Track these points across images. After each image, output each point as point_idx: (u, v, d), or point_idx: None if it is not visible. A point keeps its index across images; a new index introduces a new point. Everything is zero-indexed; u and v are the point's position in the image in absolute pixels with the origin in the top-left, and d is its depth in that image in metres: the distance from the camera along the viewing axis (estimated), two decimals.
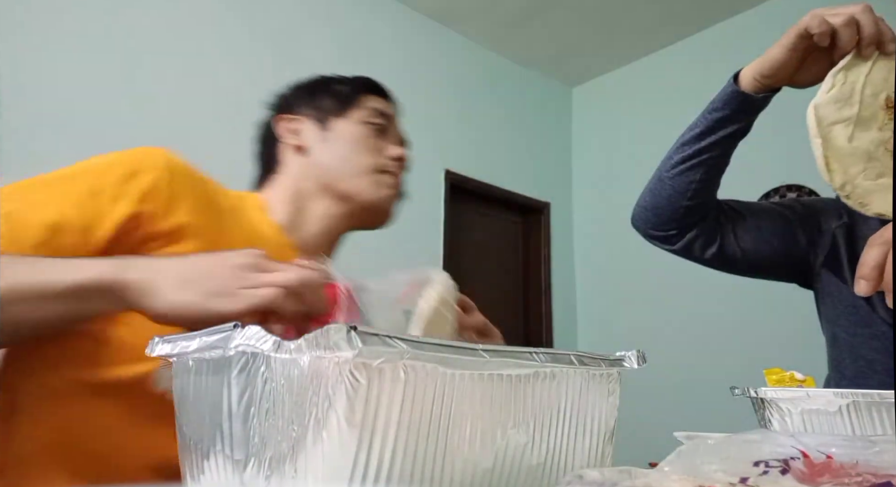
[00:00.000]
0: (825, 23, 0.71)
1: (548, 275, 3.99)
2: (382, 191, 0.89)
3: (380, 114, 0.92)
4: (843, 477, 0.27)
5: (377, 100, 0.93)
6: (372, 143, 0.89)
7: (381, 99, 0.94)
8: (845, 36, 0.70)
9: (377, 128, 0.91)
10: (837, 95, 0.69)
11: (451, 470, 0.32)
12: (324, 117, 0.90)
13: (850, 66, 0.70)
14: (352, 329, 0.27)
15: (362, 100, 0.91)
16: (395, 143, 0.94)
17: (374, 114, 0.91)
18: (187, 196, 0.71)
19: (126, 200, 0.66)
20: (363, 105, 0.91)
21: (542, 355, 0.36)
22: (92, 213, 0.64)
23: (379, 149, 0.90)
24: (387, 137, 0.93)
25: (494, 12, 3.60)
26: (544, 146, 4.19)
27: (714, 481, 0.27)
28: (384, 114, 0.93)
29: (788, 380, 0.62)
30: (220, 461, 0.33)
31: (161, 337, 0.37)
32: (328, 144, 0.89)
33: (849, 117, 0.68)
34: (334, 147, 0.89)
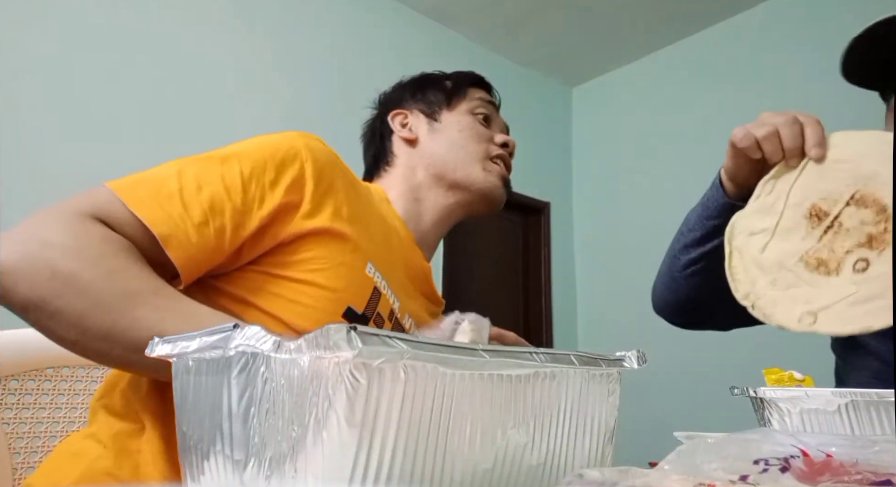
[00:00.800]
0: (749, 135, 0.70)
1: (548, 275, 3.99)
2: (492, 178, 0.91)
3: (486, 103, 0.95)
4: (843, 476, 0.27)
5: (481, 92, 0.96)
6: (480, 132, 0.92)
7: (485, 91, 0.97)
8: (768, 148, 0.69)
9: (484, 118, 0.94)
10: (760, 205, 0.69)
11: (451, 470, 0.32)
12: (433, 110, 0.93)
13: (778, 173, 0.69)
14: (352, 329, 0.27)
15: (469, 93, 0.95)
16: (501, 131, 0.97)
17: (480, 105, 0.94)
18: (336, 188, 0.72)
19: (280, 187, 0.66)
20: (470, 97, 0.94)
21: (542, 355, 0.36)
22: (247, 197, 0.64)
23: (487, 137, 0.92)
24: (492, 126, 0.96)
25: (494, 12, 3.60)
26: (544, 146, 4.19)
27: (714, 479, 0.27)
28: (490, 103, 0.96)
29: (787, 380, 0.62)
30: (220, 461, 0.33)
31: (161, 338, 0.37)
32: (438, 135, 0.92)
33: (766, 227, 0.67)
34: (445, 137, 0.91)
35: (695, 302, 0.91)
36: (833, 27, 3.15)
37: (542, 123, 4.20)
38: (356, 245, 0.70)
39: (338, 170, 0.74)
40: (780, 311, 0.64)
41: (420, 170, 0.91)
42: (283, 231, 0.66)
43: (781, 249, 0.66)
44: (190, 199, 0.61)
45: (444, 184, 0.90)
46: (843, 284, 0.61)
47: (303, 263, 0.67)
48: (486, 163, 0.91)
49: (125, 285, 0.55)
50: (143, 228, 0.59)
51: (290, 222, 0.67)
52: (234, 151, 0.68)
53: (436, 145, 0.91)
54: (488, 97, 0.97)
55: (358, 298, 0.69)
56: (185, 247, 0.60)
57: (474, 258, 3.73)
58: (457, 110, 0.93)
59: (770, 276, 0.65)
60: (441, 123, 0.93)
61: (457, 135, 0.91)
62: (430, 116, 0.93)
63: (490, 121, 0.96)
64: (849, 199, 0.63)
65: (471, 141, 0.91)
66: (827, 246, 0.63)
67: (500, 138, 0.95)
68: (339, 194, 0.72)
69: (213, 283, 0.67)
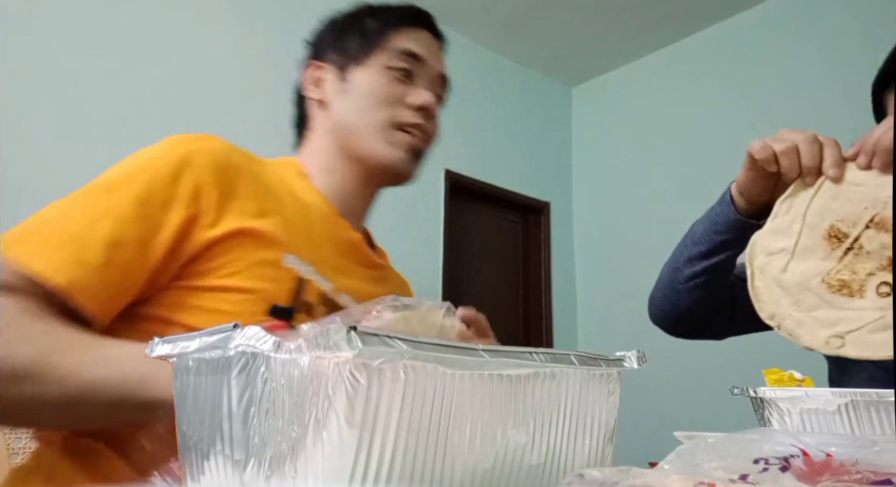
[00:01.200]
0: (767, 148, 0.70)
1: (548, 275, 3.99)
2: (396, 151, 0.78)
3: (406, 55, 0.80)
4: (843, 475, 0.27)
5: (410, 37, 0.81)
6: (390, 93, 0.78)
7: (418, 32, 0.82)
8: (785, 163, 0.68)
9: (402, 73, 0.79)
10: (777, 225, 0.68)
11: (451, 470, 0.32)
12: (345, 64, 0.80)
13: (794, 192, 0.69)
14: (352, 329, 0.27)
15: (391, 40, 0.80)
16: (427, 87, 0.82)
17: (397, 57, 0.79)
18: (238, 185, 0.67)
19: (176, 204, 0.63)
20: (389, 45, 0.80)
21: (542, 355, 0.36)
22: (146, 224, 0.61)
23: (396, 99, 0.78)
24: (415, 82, 0.81)
25: (494, 12, 3.60)
26: (544, 146, 4.19)
27: (714, 478, 0.27)
28: (411, 55, 0.80)
29: (787, 380, 0.62)
30: (220, 461, 0.33)
31: (161, 338, 0.37)
32: (346, 98, 0.79)
33: (785, 248, 0.67)
34: (351, 101, 0.79)
35: (694, 314, 0.91)
36: (833, 27, 3.16)
37: (542, 123, 4.20)
38: (269, 239, 0.67)
39: (235, 165, 0.69)
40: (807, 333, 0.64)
41: (331, 138, 0.80)
42: (191, 244, 0.63)
43: (802, 270, 0.65)
44: (85, 241, 0.57)
45: (350, 155, 0.79)
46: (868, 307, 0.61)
47: (217, 270, 0.64)
48: (389, 132, 0.78)
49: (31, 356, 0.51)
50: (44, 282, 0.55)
51: (197, 233, 0.63)
52: (118, 177, 0.63)
53: (343, 110, 0.79)
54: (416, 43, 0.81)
55: (280, 293, 0.66)
56: (91, 293, 0.57)
57: (474, 258, 3.73)
58: (369, 65, 0.79)
59: (793, 297, 0.65)
60: (349, 83, 0.79)
61: (360, 100, 0.78)
62: (340, 73, 0.80)
63: (413, 76, 0.80)
64: (868, 222, 0.63)
65: (374, 106, 0.77)
66: (848, 267, 0.63)
67: (417, 99, 0.79)
68: (242, 191, 0.67)
69: (134, 310, 0.63)
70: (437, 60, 0.84)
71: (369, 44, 0.79)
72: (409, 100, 0.79)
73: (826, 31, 3.18)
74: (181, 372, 0.37)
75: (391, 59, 0.79)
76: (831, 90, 3.02)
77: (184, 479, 0.36)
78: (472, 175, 3.68)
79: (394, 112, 0.78)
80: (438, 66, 0.84)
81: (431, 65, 0.82)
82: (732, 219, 0.80)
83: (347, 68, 0.80)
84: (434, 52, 0.84)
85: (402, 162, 0.79)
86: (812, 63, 3.19)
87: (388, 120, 0.78)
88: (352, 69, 0.79)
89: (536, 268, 4.01)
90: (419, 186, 3.48)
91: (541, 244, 4.03)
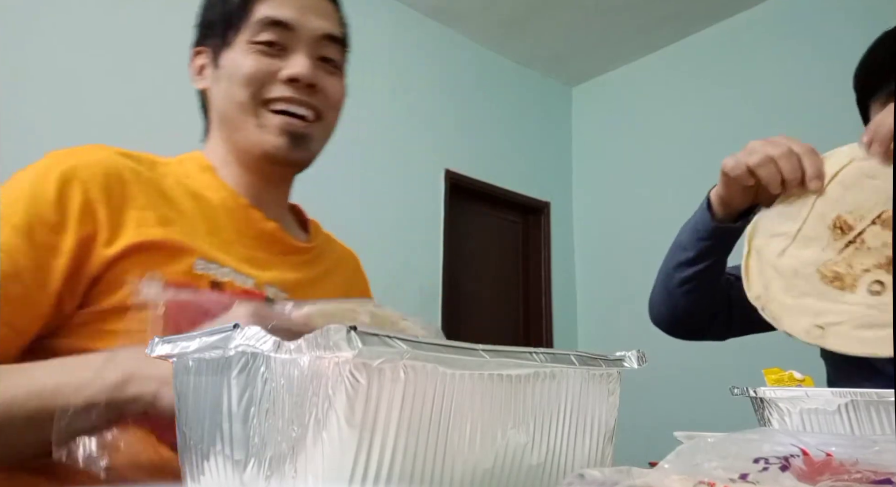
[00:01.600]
0: (740, 165, 0.70)
1: (548, 275, 3.99)
2: (268, 135, 0.69)
3: (269, 25, 0.69)
4: (843, 475, 0.27)
5: (274, 2, 0.70)
6: (256, 71, 0.69)
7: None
8: (764, 175, 0.68)
9: (271, 46, 0.70)
10: (784, 209, 0.68)
11: (451, 471, 0.32)
12: (216, 47, 0.72)
13: None
14: (352, 329, 0.27)
15: (252, 11, 0.70)
16: (306, 53, 0.71)
17: (261, 28, 0.69)
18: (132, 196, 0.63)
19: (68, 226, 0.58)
20: (252, 18, 0.70)
21: (542, 355, 0.36)
22: (37, 252, 0.57)
23: (262, 76, 0.69)
24: (289, 51, 0.70)
25: (494, 12, 3.60)
26: (544, 146, 4.19)
27: (714, 478, 0.27)
28: (276, 24, 0.69)
29: (787, 380, 0.62)
30: (220, 461, 0.33)
31: (161, 338, 0.37)
32: (219, 84, 0.72)
33: (788, 232, 0.67)
34: (222, 87, 0.71)
35: (691, 316, 0.91)
36: (833, 27, 3.15)
37: (542, 123, 4.20)
38: (175, 248, 0.63)
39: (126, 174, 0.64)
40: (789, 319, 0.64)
41: (217, 128, 0.75)
42: (92, 265, 0.59)
43: (800, 256, 0.65)
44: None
45: (234, 147, 0.73)
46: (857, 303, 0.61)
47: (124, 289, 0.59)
48: (261, 115, 0.69)
49: None
50: None
51: (94, 254, 0.59)
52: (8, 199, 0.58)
53: (217, 98, 0.72)
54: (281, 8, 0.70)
55: None
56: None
57: (474, 258, 3.73)
58: (235, 44, 0.70)
59: (785, 282, 0.65)
60: (221, 67, 0.71)
61: (229, 84, 0.69)
62: (214, 58, 0.72)
63: (285, 47, 0.70)
64: (875, 218, 0.62)
65: (239, 89, 0.68)
66: (846, 260, 0.63)
67: (286, 71, 0.69)
68: (138, 200, 0.63)
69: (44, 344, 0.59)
70: (317, 19, 0.72)
71: (233, 20, 0.70)
72: (281, 73, 0.69)
73: (826, 30, 3.18)
74: (181, 372, 0.37)
75: (254, 32, 0.69)
76: (831, 90, 3.02)
77: (184, 479, 0.36)
78: (472, 175, 3.68)
79: (261, 89, 0.69)
80: (318, 26, 0.72)
81: (308, 27, 0.71)
82: (711, 226, 0.80)
83: (219, 52, 0.72)
84: (311, 7, 0.72)
85: (278, 147, 0.70)
86: (812, 63, 3.19)
87: (256, 100, 0.69)
88: (222, 52, 0.71)
89: (536, 268, 4.00)
90: (419, 186, 3.49)
91: (541, 244, 4.03)
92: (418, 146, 3.48)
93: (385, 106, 3.37)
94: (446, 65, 3.73)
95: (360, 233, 3.13)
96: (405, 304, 3.15)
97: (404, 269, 3.23)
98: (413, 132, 3.48)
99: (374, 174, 3.23)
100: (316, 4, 0.73)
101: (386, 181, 3.28)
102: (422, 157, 3.49)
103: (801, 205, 0.67)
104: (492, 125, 3.87)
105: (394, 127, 3.38)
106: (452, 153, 3.61)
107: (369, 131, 3.23)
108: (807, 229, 0.66)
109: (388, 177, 3.30)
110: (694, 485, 0.27)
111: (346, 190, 3.08)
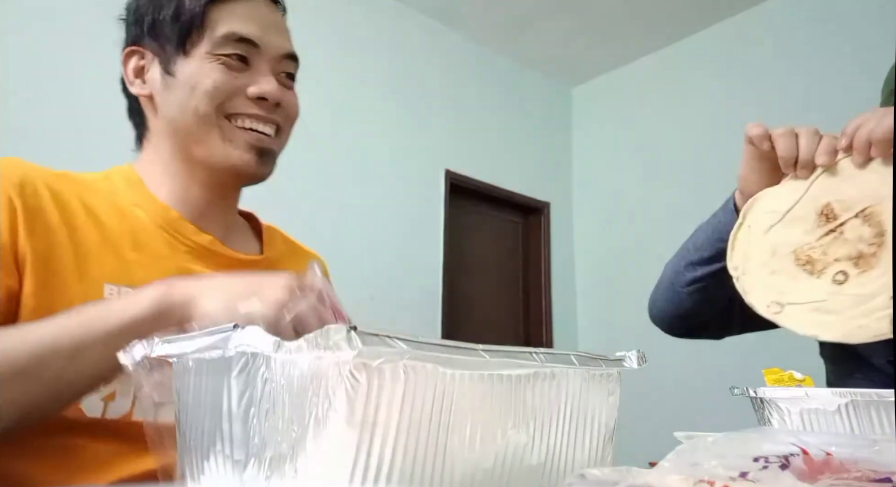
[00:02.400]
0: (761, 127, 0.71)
1: (548, 275, 3.99)
2: (236, 151, 0.68)
3: (236, 40, 0.68)
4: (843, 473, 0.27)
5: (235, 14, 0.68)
6: (221, 84, 0.67)
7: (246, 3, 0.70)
8: (782, 145, 0.69)
9: (236, 60, 0.68)
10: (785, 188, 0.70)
11: (451, 470, 0.32)
12: (166, 52, 0.68)
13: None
14: (352, 329, 0.27)
15: (213, 19, 0.67)
16: (269, 69, 0.70)
17: (224, 43, 0.67)
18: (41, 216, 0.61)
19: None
20: (213, 27, 0.67)
21: (542, 355, 0.36)
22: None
23: (229, 91, 0.68)
24: (252, 66, 0.69)
25: (494, 12, 3.60)
26: (544, 146, 4.19)
27: (714, 476, 0.27)
28: (243, 40, 0.68)
29: (787, 380, 0.62)
30: (220, 461, 0.33)
31: (161, 338, 0.37)
32: (172, 93, 0.68)
33: (777, 209, 0.69)
34: (177, 97, 0.68)
35: (695, 315, 0.91)
36: (835, 26, 3.15)
37: (542, 123, 4.20)
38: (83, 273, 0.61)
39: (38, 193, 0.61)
40: (756, 292, 0.67)
41: (168, 141, 0.70)
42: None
43: (783, 235, 0.68)
44: None
45: (189, 159, 0.70)
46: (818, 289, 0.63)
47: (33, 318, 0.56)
48: (227, 131, 0.68)
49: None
50: None
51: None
52: None
53: (171, 109, 0.68)
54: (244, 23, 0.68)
55: None
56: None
57: (474, 258, 3.73)
58: (195, 54, 0.67)
59: (763, 257, 0.68)
60: (175, 77, 0.67)
61: (190, 96, 0.67)
62: (163, 64, 0.68)
63: (248, 60, 0.69)
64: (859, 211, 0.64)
65: (205, 102, 0.66)
66: (822, 247, 0.65)
67: (255, 89, 0.68)
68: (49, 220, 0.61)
69: None
70: (278, 35, 0.72)
71: (188, 27, 0.67)
72: (249, 90, 0.68)
73: (827, 30, 3.18)
74: (181, 372, 0.37)
75: (217, 45, 0.67)
76: (833, 90, 3.02)
77: (184, 479, 0.36)
78: (472, 175, 3.68)
79: (229, 106, 0.68)
80: (281, 45, 0.72)
81: (272, 46, 0.70)
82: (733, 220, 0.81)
83: (170, 58, 0.68)
84: (272, 25, 0.71)
85: (246, 163, 0.69)
86: (813, 63, 3.19)
87: (220, 113, 0.68)
88: (175, 59, 0.68)
89: (536, 268, 4.00)
90: (419, 186, 3.49)
91: (541, 244, 4.03)
92: (418, 146, 3.48)
93: (385, 106, 3.37)
94: (446, 65, 3.73)
95: (361, 233, 3.14)
96: (405, 304, 3.16)
97: (404, 269, 3.23)
98: (413, 132, 3.48)
99: (374, 174, 3.23)
100: (276, 22, 0.73)
101: (386, 181, 3.28)
102: (422, 157, 3.49)
103: (800, 186, 0.68)
104: (492, 125, 3.87)
105: (394, 127, 3.38)
106: (452, 153, 3.61)
107: (369, 131, 3.24)
108: (797, 210, 0.68)
109: (388, 177, 3.30)
110: (694, 484, 0.27)
111: (347, 190, 3.08)
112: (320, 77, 3.14)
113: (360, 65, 3.31)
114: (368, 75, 3.32)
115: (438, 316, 3.29)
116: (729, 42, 3.58)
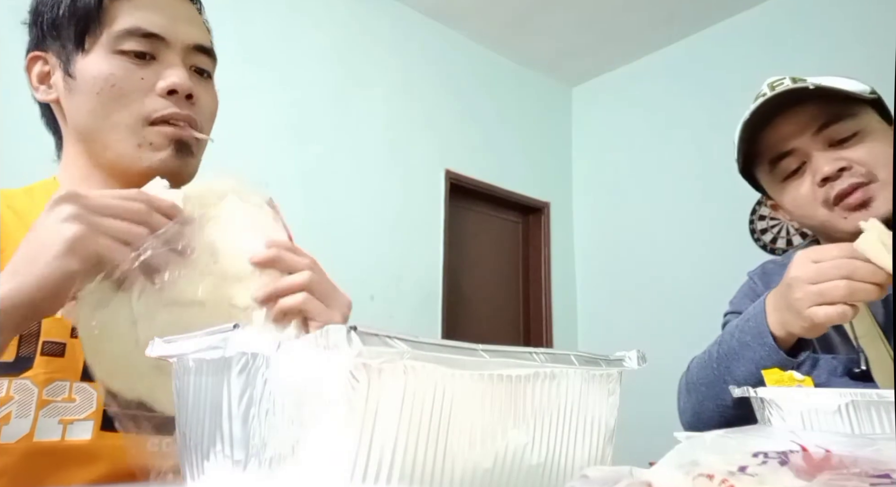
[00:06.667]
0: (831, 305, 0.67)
1: (548, 275, 3.99)
2: (151, 152, 0.63)
3: (140, 35, 0.63)
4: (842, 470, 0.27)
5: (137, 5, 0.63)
6: (127, 84, 0.62)
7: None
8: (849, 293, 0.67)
9: (140, 56, 0.63)
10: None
11: (451, 470, 0.32)
12: (66, 52, 0.64)
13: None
14: (352, 329, 0.27)
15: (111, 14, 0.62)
16: (177, 62, 0.65)
17: (126, 38, 0.62)
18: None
19: None
20: (112, 22, 0.62)
21: (542, 355, 0.36)
22: None
23: (139, 90, 0.63)
24: (159, 60, 0.64)
25: (494, 12, 3.60)
26: (544, 146, 4.19)
27: (713, 470, 0.27)
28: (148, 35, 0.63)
29: (787, 380, 0.62)
30: (220, 461, 0.33)
31: (161, 338, 0.37)
32: (75, 96, 0.63)
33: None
34: (81, 100, 0.63)
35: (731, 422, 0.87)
36: (834, 28, 3.16)
37: (542, 123, 4.20)
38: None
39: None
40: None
41: (78, 146, 0.66)
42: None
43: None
44: None
45: (102, 165, 0.65)
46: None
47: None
48: (142, 133, 0.62)
49: None
50: None
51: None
52: None
53: (76, 113, 0.64)
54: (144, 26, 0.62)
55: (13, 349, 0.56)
56: None
57: (474, 258, 3.73)
58: (95, 52, 0.62)
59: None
60: (76, 79, 0.63)
61: (94, 98, 0.62)
62: (63, 65, 0.64)
63: (154, 56, 0.63)
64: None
65: (111, 104, 0.62)
66: None
67: (163, 83, 0.63)
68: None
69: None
70: (188, 28, 0.66)
71: (85, 22, 0.62)
72: (157, 85, 0.63)
73: (827, 31, 3.18)
74: (181, 372, 0.37)
75: (118, 40, 0.62)
76: None
77: (184, 479, 0.36)
78: (472, 175, 3.68)
79: (139, 105, 0.63)
80: (190, 36, 0.66)
81: (179, 37, 0.65)
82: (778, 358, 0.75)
83: (70, 59, 0.63)
84: (181, 16, 0.66)
85: (162, 161, 0.63)
86: (812, 63, 3.19)
87: (135, 116, 0.63)
88: (75, 59, 0.63)
89: (536, 268, 4.00)
90: (419, 186, 3.49)
91: (541, 244, 4.03)
92: (418, 146, 3.48)
93: (385, 106, 3.37)
94: (447, 65, 3.73)
95: (361, 232, 3.14)
96: (405, 304, 3.16)
97: (404, 269, 3.23)
98: (413, 132, 3.48)
99: (374, 174, 3.23)
100: (185, 12, 0.68)
101: (386, 181, 3.28)
102: (422, 157, 3.49)
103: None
104: (492, 125, 3.87)
105: (394, 127, 3.38)
106: (452, 153, 3.61)
107: (369, 131, 3.24)
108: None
109: (388, 177, 3.30)
110: (694, 478, 0.27)
111: (347, 189, 3.08)
112: (320, 77, 3.15)
113: (360, 64, 3.31)
114: (368, 75, 3.32)
115: (438, 316, 3.29)
116: (729, 42, 3.58)
